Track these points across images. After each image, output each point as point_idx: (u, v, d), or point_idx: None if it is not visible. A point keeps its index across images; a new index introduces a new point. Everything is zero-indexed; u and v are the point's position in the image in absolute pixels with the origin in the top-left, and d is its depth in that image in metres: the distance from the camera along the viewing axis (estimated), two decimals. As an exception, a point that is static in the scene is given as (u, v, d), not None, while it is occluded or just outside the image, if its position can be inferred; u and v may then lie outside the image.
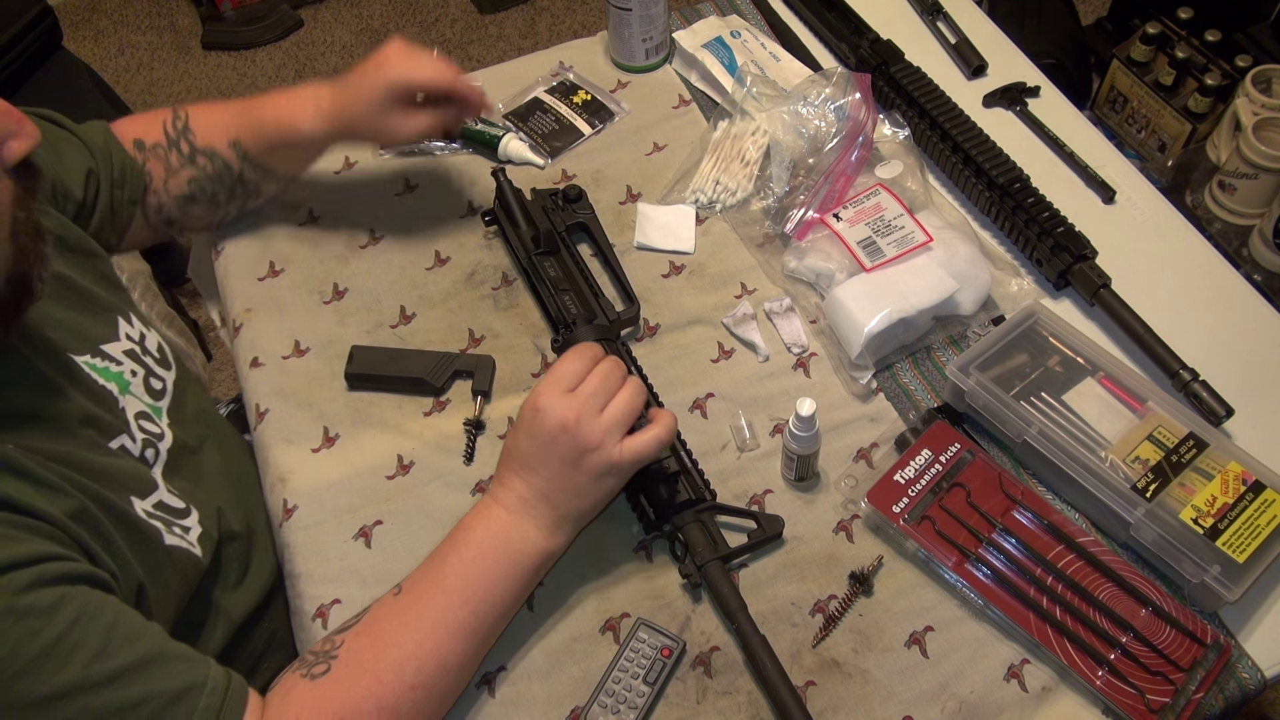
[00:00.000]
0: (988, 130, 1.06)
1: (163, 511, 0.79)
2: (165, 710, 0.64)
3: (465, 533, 0.78)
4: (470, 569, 0.76)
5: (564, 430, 0.75)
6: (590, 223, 1.04)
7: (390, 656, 0.72)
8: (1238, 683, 0.79)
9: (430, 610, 0.74)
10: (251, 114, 0.97)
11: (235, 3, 2.64)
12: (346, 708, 0.70)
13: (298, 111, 0.96)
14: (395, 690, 0.71)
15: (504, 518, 0.78)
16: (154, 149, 0.96)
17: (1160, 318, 0.94)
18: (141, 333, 0.87)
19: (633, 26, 1.16)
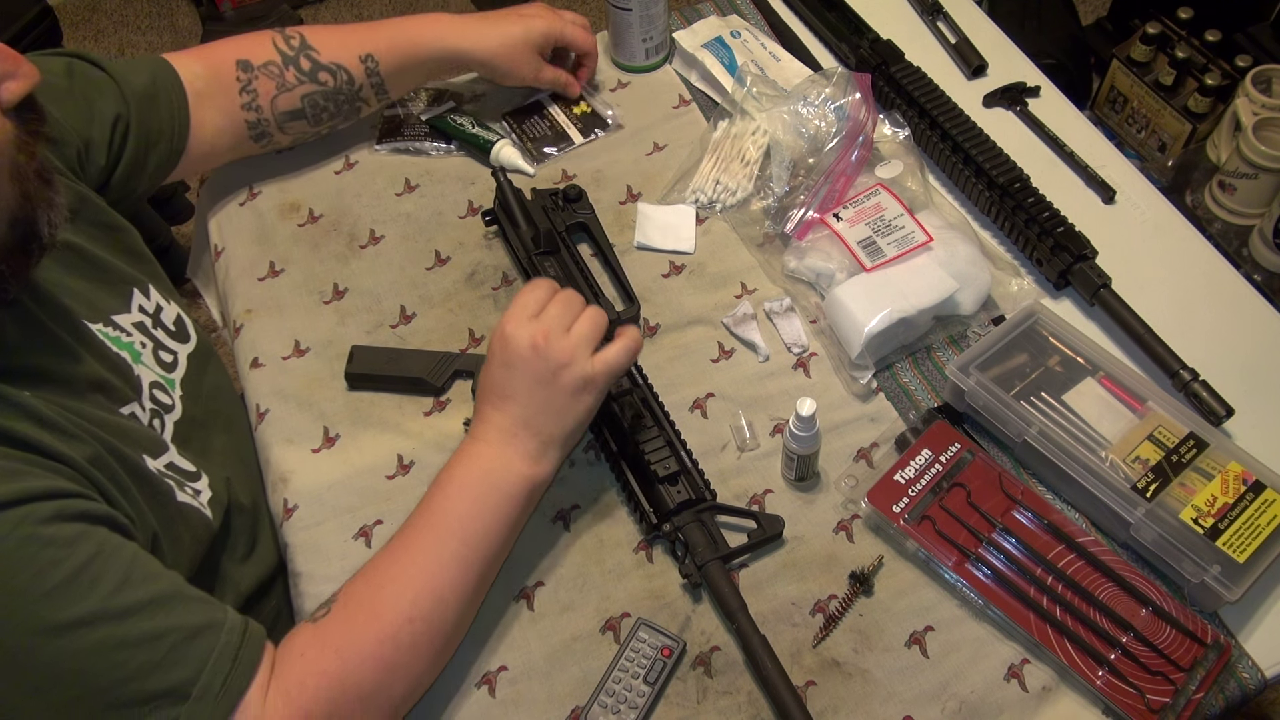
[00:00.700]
0: (988, 130, 1.06)
1: (174, 472, 0.79)
2: (185, 644, 0.65)
3: (448, 473, 0.78)
4: (456, 503, 0.77)
5: (534, 351, 0.77)
6: (590, 223, 1.04)
7: (385, 592, 0.73)
8: (1238, 683, 0.79)
9: (420, 547, 0.75)
10: (387, 31, 1.03)
11: (235, 3, 2.64)
12: (346, 641, 0.71)
13: (444, 31, 1.03)
14: (393, 622, 0.72)
15: (485, 451, 0.78)
16: (265, 67, 0.98)
17: (1160, 318, 0.94)
18: (159, 305, 0.88)
19: (633, 26, 1.16)
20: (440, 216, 1.09)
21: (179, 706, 0.64)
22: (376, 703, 0.71)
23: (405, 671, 0.72)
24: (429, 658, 0.74)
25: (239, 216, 1.10)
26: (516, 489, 0.78)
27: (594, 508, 0.89)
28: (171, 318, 0.89)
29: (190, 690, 0.64)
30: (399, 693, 0.73)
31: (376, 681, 0.71)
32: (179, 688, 0.64)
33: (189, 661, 0.65)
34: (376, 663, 0.71)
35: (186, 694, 0.64)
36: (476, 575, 0.76)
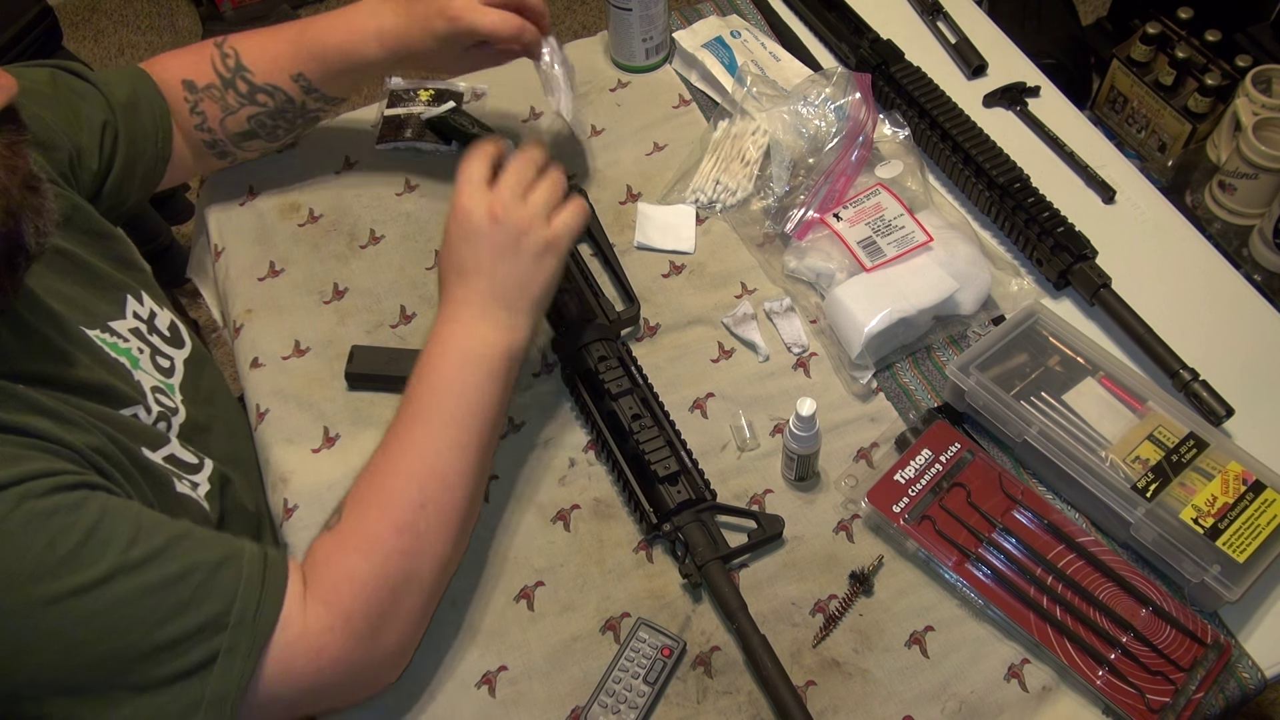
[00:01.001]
0: (988, 130, 1.06)
1: (173, 464, 0.79)
2: (210, 579, 0.66)
3: (425, 361, 0.79)
4: (439, 389, 0.77)
5: (493, 220, 0.78)
6: (590, 223, 1.04)
7: (391, 486, 0.75)
8: (1238, 682, 0.79)
9: (413, 439, 0.76)
10: (310, 43, 0.95)
11: (235, 3, 2.64)
12: (365, 538, 0.73)
13: (361, 40, 0.94)
14: (405, 511, 0.73)
15: (458, 331, 0.79)
16: (207, 90, 0.95)
17: (1160, 318, 0.94)
18: (152, 311, 0.88)
19: (633, 26, 1.16)
20: (440, 216, 1.09)
21: (219, 636, 0.65)
22: (409, 589, 0.73)
23: (429, 555, 0.75)
24: (449, 538, 0.76)
25: (239, 216, 1.10)
26: (496, 362, 0.79)
27: (594, 508, 0.89)
28: (165, 324, 0.89)
29: (226, 619, 0.65)
30: (428, 575, 0.75)
31: (404, 570, 0.73)
32: (215, 619, 0.65)
33: (219, 593, 0.66)
34: (400, 553, 0.73)
35: (224, 623, 0.65)
36: (475, 453, 0.77)
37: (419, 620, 0.76)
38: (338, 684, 0.72)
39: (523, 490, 0.90)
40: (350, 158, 1.14)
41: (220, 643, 0.65)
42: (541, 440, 0.93)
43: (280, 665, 0.68)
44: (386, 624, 0.72)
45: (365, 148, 1.15)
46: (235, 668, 0.65)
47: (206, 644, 0.65)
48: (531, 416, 0.94)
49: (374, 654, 0.72)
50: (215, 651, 0.65)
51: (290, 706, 0.71)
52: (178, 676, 0.64)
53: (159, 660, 0.63)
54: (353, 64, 0.95)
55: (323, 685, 0.70)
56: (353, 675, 0.72)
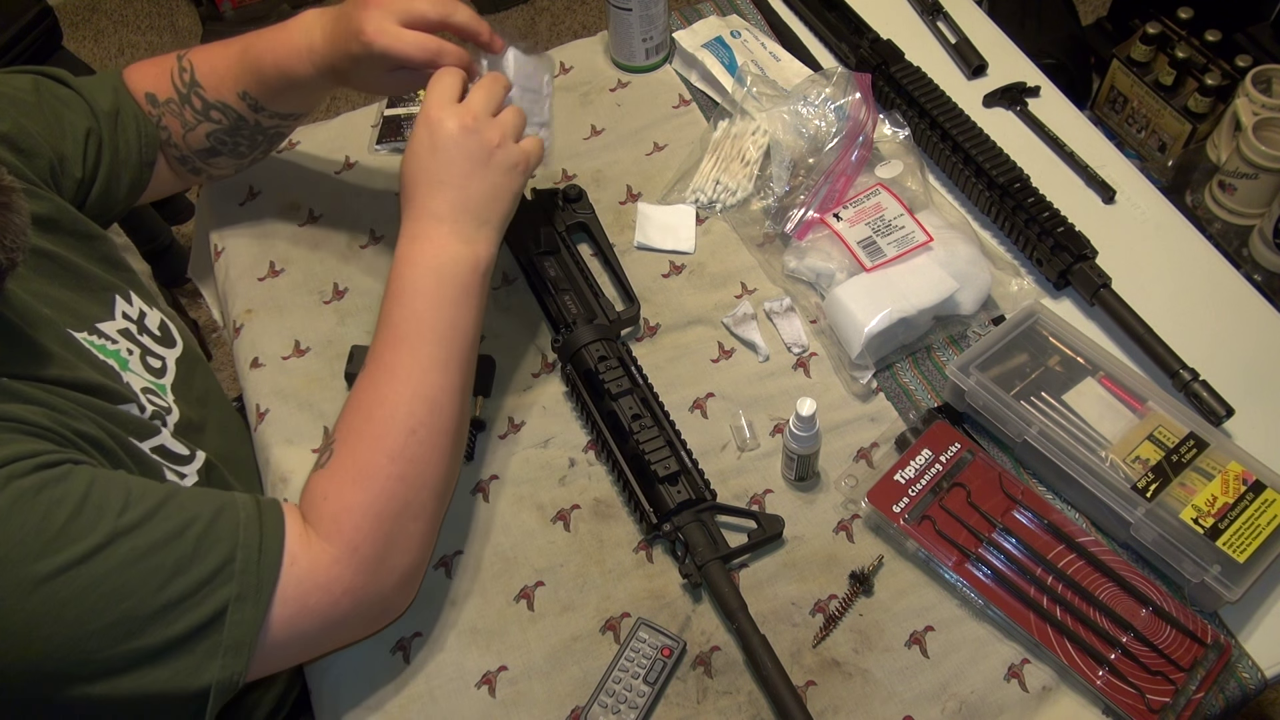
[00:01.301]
0: (988, 130, 1.06)
1: (160, 455, 0.79)
2: (208, 530, 0.67)
3: (396, 281, 0.78)
4: (416, 308, 0.77)
5: (466, 132, 0.77)
6: (590, 222, 1.04)
7: (379, 414, 0.75)
8: (1238, 682, 0.79)
9: (396, 362, 0.76)
10: (252, 60, 0.91)
11: (235, 3, 2.64)
12: (360, 469, 0.73)
13: (295, 57, 0.89)
14: (397, 437, 0.74)
15: (427, 248, 0.78)
16: (167, 104, 0.94)
17: (1160, 318, 0.94)
18: (141, 310, 0.87)
19: (633, 26, 1.16)
20: (440, 216, 1.09)
21: (228, 585, 0.66)
22: (411, 512, 0.74)
23: (427, 477, 0.75)
24: (443, 459, 0.77)
25: (239, 216, 1.10)
26: (468, 276, 0.79)
27: (594, 508, 0.89)
28: (156, 323, 0.89)
29: (232, 567, 0.66)
30: (428, 498, 0.76)
31: (403, 496, 0.74)
32: (220, 568, 0.66)
33: (220, 542, 0.66)
34: (397, 480, 0.73)
35: (230, 572, 0.66)
36: (458, 368, 0.78)
37: (424, 544, 0.77)
38: (354, 615, 0.73)
39: (523, 490, 0.90)
40: (350, 158, 1.14)
41: (229, 592, 0.66)
42: (541, 440, 0.93)
43: (294, 603, 0.69)
44: (392, 551, 0.73)
45: (365, 148, 1.15)
46: (247, 614, 0.66)
47: (216, 595, 0.65)
48: (531, 416, 0.94)
49: (384, 582, 0.73)
50: (225, 601, 0.66)
51: (311, 641, 0.72)
52: (192, 632, 0.65)
53: (170, 618, 0.64)
54: (290, 81, 0.91)
55: (339, 618, 0.71)
56: (367, 605, 0.73)
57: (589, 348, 0.91)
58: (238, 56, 0.92)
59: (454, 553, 0.87)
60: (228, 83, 0.92)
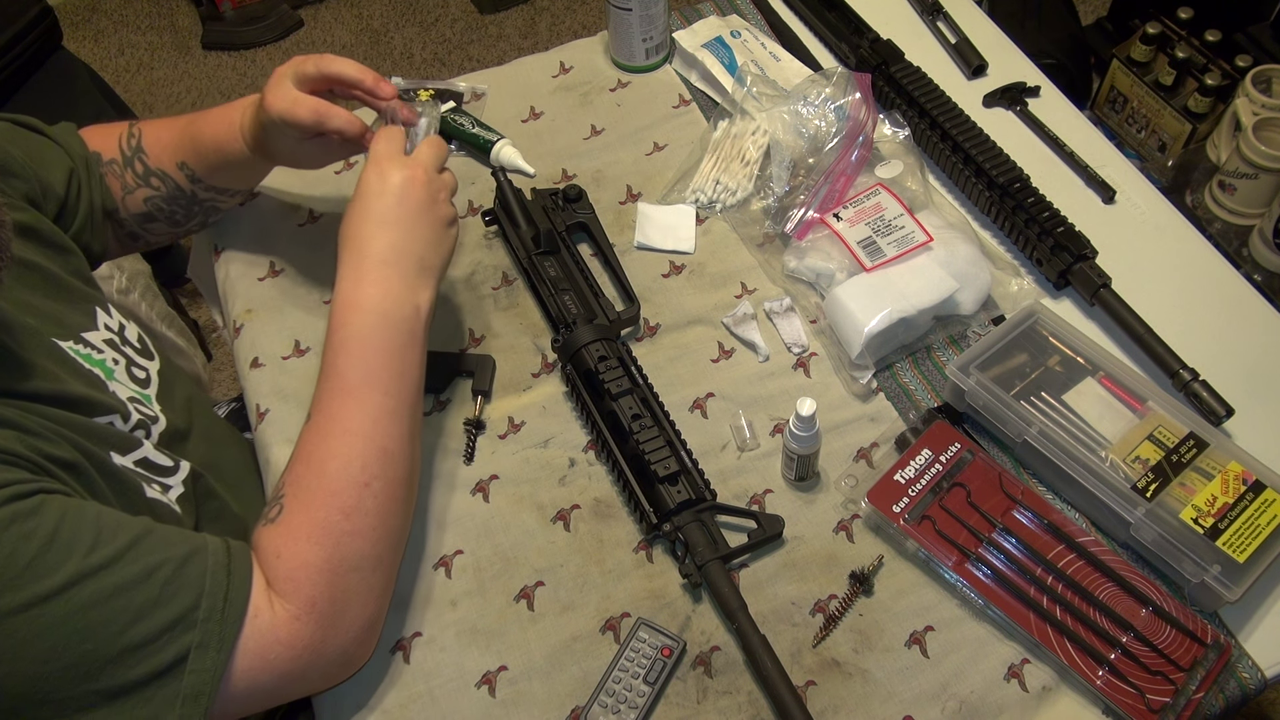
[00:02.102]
0: (988, 130, 1.06)
1: (143, 468, 0.79)
2: (177, 575, 0.66)
3: (344, 328, 0.78)
4: (366, 358, 0.77)
5: (416, 182, 0.80)
6: (590, 223, 1.04)
7: (332, 468, 0.74)
8: (1238, 682, 0.79)
9: (346, 414, 0.76)
10: (193, 135, 0.94)
11: (235, 3, 2.64)
12: (314, 525, 0.72)
13: (229, 135, 0.93)
14: (350, 494, 0.73)
15: (372, 293, 0.78)
16: (110, 165, 0.95)
17: (1160, 318, 0.94)
18: (120, 323, 0.87)
19: (633, 26, 1.16)
20: (440, 216, 1.09)
21: (189, 634, 0.65)
22: (368, 565, 0.74)
23: (382, 530, 0.75)
24: (397, 510, 0.77)
25: (239, 216, 1.10)
26: (412, 322, 0.79)
27: (594, 508, 0.89)
28: (134, 336, 0.89)
29: (196, 615, 0.66)
30: (384, 550, 0.76)
31: (359, 551, 0.73)
32: (185, 615, 0.65)
33: (186, 588, 0.66)
34: (351, 535, 0.73)
35: (194, 620, 0.65)
36: (409, 420, 0.78)
37: (382, 595, 0.76)
38: (314, 670, 0.72)
39: (523, 490, 0.90)
40: (350, 158, 1.14)
41: (191, 639, 0.65)
42: (541, 440, 0.93)
43: (255, 656, 0.68)
44: (350, 605, 0.73)
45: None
46: (208, 663, 0.66)
47: (177, 642, 0.65)
48: (531, 416, 0.94)
49: (345, 636, 0.73)
50: (186, 649, 0.65)
51: (269, 694, 0.71)
52: (151, 678, 0.64)
53: (130, 662, 0.63)
54: (224, 158, 0.94)
55: (298, 673, 0.71)
56: (327, 660, 0.72)
57: (589, 348, 0.91)
58: (182, 129, 0.95)
59: (454, 553, 0.87)
60: (169, 152, 0.95)
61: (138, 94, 2.54)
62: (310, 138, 0.89)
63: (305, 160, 0.95)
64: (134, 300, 1.56)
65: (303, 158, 0.94)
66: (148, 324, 1.57)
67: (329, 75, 0.87)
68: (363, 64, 0.89)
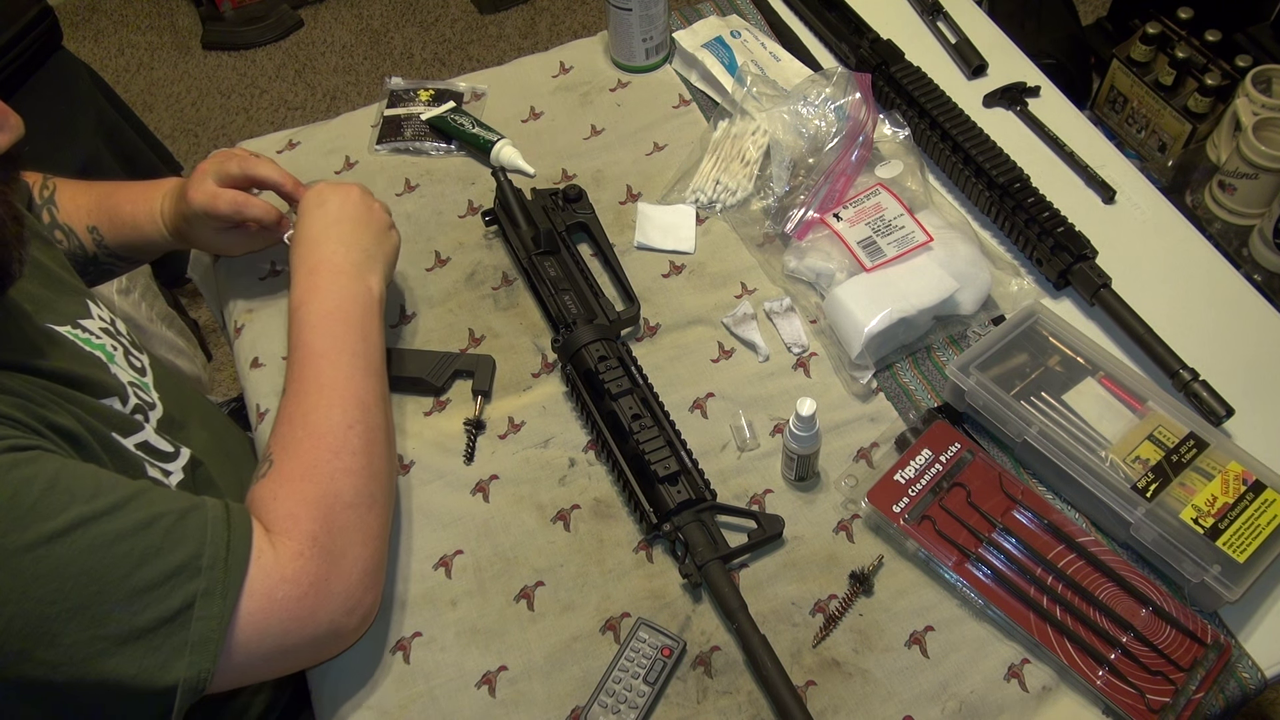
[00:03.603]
0: (988, 130, 1.06)
1: (144, 451, 0.79)
2: (177, 525, 0.67)
3: (305, 318, 0.83)
4: (332, 328, 0.82)
5: (349, 197, 0.91)
6: (590, 223, 1.04)
7: (314, 419, 0.78)
8: (1238, 682, 0.79)
9: (319, 373, 0.80)
10: (111, 207, 0.98)
11: (235, 3, 2.64)
12: (305, 466, 0.75)
13: (146, 215, 0.97)
14: (335, 434, 0.77)
15: (327, 284, 0.85)
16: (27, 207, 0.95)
17: (1160, 318, 0.94)
18: (111, 318, 0.88)
19: (633, 26, 1.16)
20: (440, 216, 1.09)
21: (194, 581, 0.66)
22: (363, 502, 0.76)
23: (370, 470, 0.78)
24: (382, 453, 0.80)
25: (239, 216, 1.10)
26: (365, 298, 0.86)
27: (594, 508, 0.89)
28: (124, 330, 0.89)
29: (200, 562, 0.66)
30: (376, 488, 0.78)
31: (352, 486, 0.76)
32: (189, 561, 0.66)
33: (188, 537, 0.67)
34: (344, 472, 0.76)
35: (198, 567, 0.66)
36: (378, 379, 0.83)
37: (381, 536, 0.78)
38: (322, 609, 0.72)
39: (523, 490, 0.90)
40: (350, 158, 1.14)
41: (197, 586, 0.66)
42: (541, 440, 0.93)
43: (261, 598, 0.68)
44: (351, 541, 0.74)
45: (365, 148, 1.15)
46: (214, 609, 0.66)
47: (183, 588, 0.65)
48: (531, 416, 0.94)
49: (349, 574, 0.74)
50: (193, 595, 0.65)
51: (280, 641, 0.70)
52: (158, 624, 0.64)
53: (136, 607, 0.64)
54: (138, 235, 0.98)
55: (307, 612, 0.71)
56: (334, 599, 0.73)
57: (589, 348, 0.91)
58: (100, 197, 0.98)
59: (454, 553, 0.87)
60: (81, 213, 0.98)
61: (138, 94, 2.54)
62: (229, 228, 0.96)
63: (225, 248, 1.01)
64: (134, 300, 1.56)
65: (222, 246, 1.00)
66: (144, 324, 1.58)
67: (252, 177, 0.94)
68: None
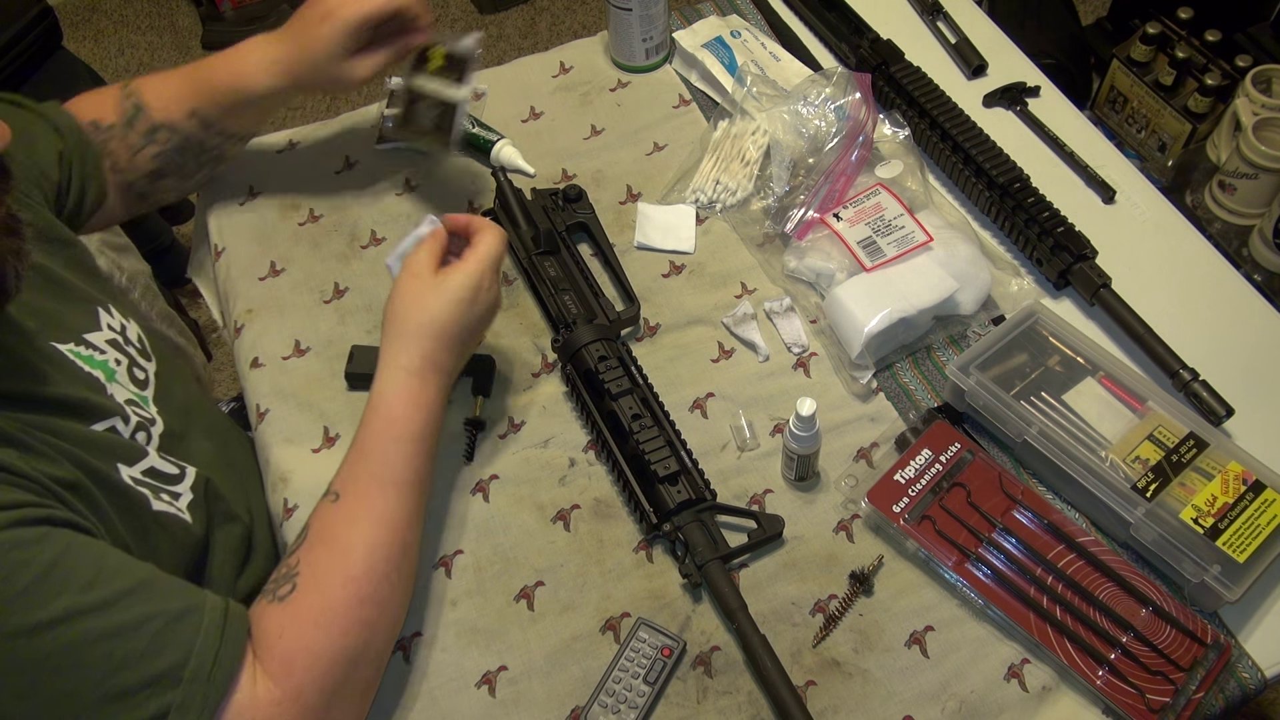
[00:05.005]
0: (988, 130, 1.06)
1: (151, 478, 0.78)
2: (168, 629, 0.64)
3: (402, 426, 0.78)
4: (419, 460, 0.79)
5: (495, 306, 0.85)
6: (590, 223, 1.04)
7: (357, 555, 0.73)
8: (1238, 682, 0.79)
9: (385, 505, 0.76)
10: (203, 80, 0.96)
11: (235, 3, 2.64)
12: (325, 611, 0.71)
13: (249, 71, 0.94)
14: (370, 583, 0.73)
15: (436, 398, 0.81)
16: (110, 130, 0.95)
17: (1160, 318, 0.94)
18: (122, 324, 0.87)
19: (633, 26, 1.16)
20: (440, 216, 1.09)
21: (172, 692, 0.63)
22: (365, 661, 0.72)
23: (387, 624, 0.75)
24: (403, 601, 0.77)
25: (239, 216, 1.10)
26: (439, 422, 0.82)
27: (594, 508, 0.89)
28: (135, 336, 0.88)
29: (181, 674, 0.64)
30: (383, 644, 0.75)
31: (363, 641, 0.72)
32: (169, 672, 0.63)
33: (175, 646, 0.64)
34: (360, 625, 0.72)
35: (178, 678, 0.63)
36: (422, 508, 0.80)
37: (368, 694, 0.75)
38: None
39: (523, 490, 0.90)
40: (350, 158, 1.14)
41: (174, 698, 0.63)
42: (541, 440, 0.93)
43: None
44: (339, 699, 0.70)
45: (365, 148, 1.15)
46: None
47: (159, 698, 0.63)
48: (531, 416, 0.94)
49: None
50: (167, 707, 0.63)
51: None
52: None
53: (108, 712, 0.61)
54: (243, 97, 0.95)
55: None
56: None
57: (589, 348, 0.91)
58: (188, 78, 0.96)
59: (454, 553, 0.87)
60: (177, 103, 0.96)
61: (138, 94, 2.54)
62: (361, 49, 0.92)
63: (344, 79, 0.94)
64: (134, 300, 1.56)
65: (344, 76, 0.94)
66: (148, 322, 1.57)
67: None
68: None
